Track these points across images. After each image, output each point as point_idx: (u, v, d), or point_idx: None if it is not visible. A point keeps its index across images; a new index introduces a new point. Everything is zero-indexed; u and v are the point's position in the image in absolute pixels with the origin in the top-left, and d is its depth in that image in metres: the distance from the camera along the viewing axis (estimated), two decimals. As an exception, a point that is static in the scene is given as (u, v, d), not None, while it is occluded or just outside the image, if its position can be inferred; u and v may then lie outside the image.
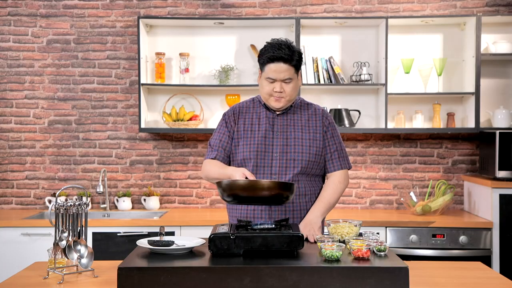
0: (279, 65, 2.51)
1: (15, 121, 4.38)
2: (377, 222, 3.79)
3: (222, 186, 2.26)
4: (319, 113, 2.68)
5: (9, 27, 4.38)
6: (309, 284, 1.95)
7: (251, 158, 2.58)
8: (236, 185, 2.24)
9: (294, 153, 2.58)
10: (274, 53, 2.50)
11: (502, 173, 3.85)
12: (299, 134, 2.61)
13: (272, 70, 2.53)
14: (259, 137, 2.61)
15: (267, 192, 2.22)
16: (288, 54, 2.50)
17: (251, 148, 2.60)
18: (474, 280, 2.23)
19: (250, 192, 2.23)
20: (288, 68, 2.52)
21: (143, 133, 4.38)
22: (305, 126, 2.64)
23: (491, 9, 4.31)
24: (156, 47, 4.33)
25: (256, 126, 2.64)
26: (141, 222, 3.82)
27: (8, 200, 4.38)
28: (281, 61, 2.50)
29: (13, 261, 3.72)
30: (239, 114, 2.69)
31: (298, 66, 2.56)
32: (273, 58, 2.51)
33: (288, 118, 2.65)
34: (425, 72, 4.20)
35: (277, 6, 4.36)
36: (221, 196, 2.31)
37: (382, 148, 4.38)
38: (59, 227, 2.23)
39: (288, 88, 2.55)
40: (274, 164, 2.58)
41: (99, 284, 2.12)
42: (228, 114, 2.71)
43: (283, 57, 2.50)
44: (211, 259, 2.09)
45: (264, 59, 2.54)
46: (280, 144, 2.59)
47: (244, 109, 2.70)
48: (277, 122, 2.64)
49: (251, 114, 2.68)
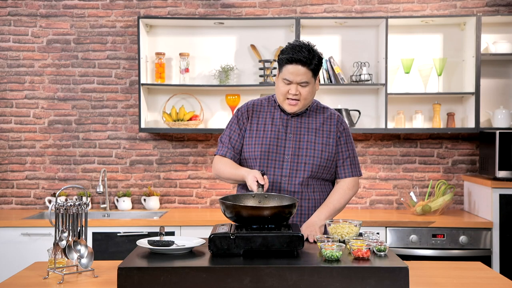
0: (297, 68, 2.47)
1: (15, 121, 4.38)
2: (377, 222, 3.79)
3: (225, 205, 2.24)
4: (334, 118, 2.64)
5: (9, 27, 4.38)
6: (309, 284, 1.95)
7: (260, 158, 2.56)
8: (240, 208, 2.22)
9: (306, 156, 2.56)
10: (294, 55, 2.46)
11: (502, 173, 3.85)
12: (312, 138, 2.59)
13: (289, 71, 2.49)
14: (272, 137, 2.58)
15: (269, 214, 2.20)
16: (307, 57, 2.46)
17: (262, 147, 2.57)
18: (474, 280, 2.23)
19: (253, 214, 2.20)
20: (305, 71, 2.48)
21: (143, 133, 4.38)
22: (319, 130, 2.61)
23: (491, 9, 4.31)
24: (156, 47, 4.33)
25: (269, 126, 2.61)
26: (141, 222, 3.82)
27: (8, 200, 4.38)
28: (299, 63, 2.46)
29: (13, 261, 3.72)
30: (253, 112, 2.65)
31: (316, 70, 2.52)
32: (292, 60, 2.47)
33: (303, 120, 2.62)
34: (425, 72, 4.20)
35: (277, 6, 4.36)
36: (223, 212, 2.29)
37: (382, 148, 4.38)
38: (59, 227, 2.23)
39: (304, 92, 2.51)
40: (285, 166, 2.56)
41: (99, 284, 2.12)
42: (241, 111, 2.67)
43: (301, 59, 2.46)
44: (211, 259, 2.09)
45: (282, 59, 2.50)
46: (292, 147, 2.57)
47: (259, 107, 2.66)
48: (291, 124, 2.61)
49: (265, 113, 2.64)
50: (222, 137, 2.68)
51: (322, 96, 4.29)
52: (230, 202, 2.27)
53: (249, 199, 2.40)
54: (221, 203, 2.26)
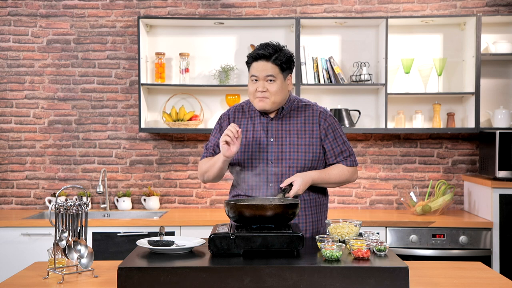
0: (261, 63, 2.51)
1: (15, 121, 4.38)
2: (377, 222, 3.79)
3: (229, 205, 2.24)
4: (316, 115, 2.60)
5: (9, 27, 4.38)
6: (309, 284, 1.95)
7: (244, 165, 2.56)
8: (241, 205, 2.22)
9: (289, 160, 2.53)
10: (258, 51, 2.51)
11: (502, 173, 3.85)
12: (295, 140, 2.55)
13: (254, 68, 2.53)
14: (253, 144, 2.57)
15: (272, 214, 2.19)
16: (271, 52, 2.50)
17: (245, 155, 2.57)
18: (474, 280, 2.23)
19: (256, 213, 2.19)
20: (271, 66, 2.50)
21: (143, 133, 4.38)
22: (301, 131, 2.57)
23: (491, 9, 4.31)
24: (156, 47, 4.33)
25: (251, 133, 2.60)
26: (141, 222, 3.82)
27: (8, 200, 4.38)
28: (263, 59, 2.50)
29: (13, 261, 3.72)
30: (234, 119, 2.65)
31: (283, 66, 2.52)
32: (256, 56, 2.52)
33: (283, 123, 2.59)
34: (425, 72, 4.20)
35: (277, 6, 4.36)
36: (227, 214, 2.29)
37: (382, 148, 4.38)
38: (59, 227, 2.23)
39: (272, 88, 2.50)
40: (270, 172, 2.54)
41: (99, 284, 2.12)
42: (223, 118, 2.69)
43: (265, 55, 2.50)
44: (211, 259, 2.09)
45: (249, 58, 2.55)
46: (275, 151, 2.55)
47: (240, 114, 2.66)
48: (271, 127, 2.58)
49: (246, 119, 2.63)
50: (207, 145, 2.70)
51: (322, 96, 4.29)
52: (233, 202, 2.27)
53: (253, 201, 2.41)
54: (225, 204, 2.26)
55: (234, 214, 2.22)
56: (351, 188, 4.37)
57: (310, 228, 2.60)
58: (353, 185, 4.36)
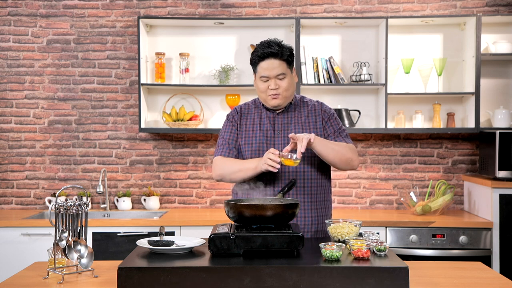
0: (270, 62, 2.53)
1: (15, 121, 4.38)
2: (377, 222, 3.79)
3: (229, 205, 2.24)
4: (318, 108, 2.67)
5: (9, 27, 4.38)
6: (309, 284, 1.95)
7: (252, 157, 2.59)
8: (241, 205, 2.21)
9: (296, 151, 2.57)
10: (265, 50, 2.52)
11: (502, 173, 3.85)
12: (300, 131, 2.61)
13: (264, 68, 2.54)
14: (261, 136, 2.62)
15: (272, 214, 2.19)
16: (277, 49, 2.52)
17: (253, 147, 2.61)
18: (474, 280, 2.23)
19: (256, 213, 2.19)
20: (280, 63, 2.53)
21: (143, 133, 4.38)
22: (305, 123, 2.64)
23: (491, 9, 4.31)
24: (156, 47, 4.33)
25: (258, 126, 2.65)
26: (141, 222, 3.82)
27: (8, 200, 4.38)
28: (271, 57, 2.52)
29: (13, 261, 3.72)
30: (241, 115, 2.70)
31: (290, 61, 2.57)
32: (263, 56, 2.53)
33: (289, 116, 2.65)
34: (425, 72, 4.20)
35: (277, 6, 4.36)
36: (227, 214, 2.28)
37: (382, 148, 4.38)
38: (59, 227, 2.23)
39: (283, 84, 2.55)
40: None
41: (99, 284, 2.12)
42: (232, 114, 2.73)
43: (273, 52, 2.51)
44: (211, 259, 2.09)
45: (255, 58, 2.56)
46: (281, 143, 2.60)
47: (246, 110, 2.72)
48: (278, 121, 2.64)
49: (253, 115, 2.69)
50: (219, 140, 2.70)
51: (322, 96, 4.29)
52: (233, 202, 2.27)
53: (253, 201, 2.41)
54: (225, 204, 2.26)
55: (234, 214, 2.23)
56: (351, 188, 4.37)
57: (316, 223, 2.62)
58: (353, 185, 4.37)
